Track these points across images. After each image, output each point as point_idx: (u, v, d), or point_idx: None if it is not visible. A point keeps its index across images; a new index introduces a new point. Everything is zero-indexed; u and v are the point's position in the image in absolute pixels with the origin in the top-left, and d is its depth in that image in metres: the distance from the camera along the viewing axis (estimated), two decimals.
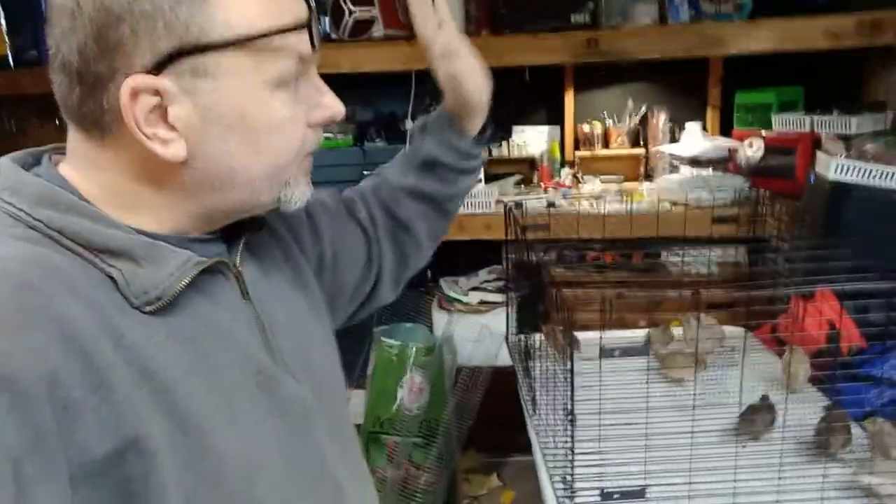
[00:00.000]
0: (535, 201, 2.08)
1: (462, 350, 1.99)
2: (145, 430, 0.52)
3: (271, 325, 0.66)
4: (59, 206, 0.56)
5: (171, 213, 0.61)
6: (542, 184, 2.33)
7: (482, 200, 2.11)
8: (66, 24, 0.54)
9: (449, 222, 0.96)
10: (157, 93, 0.55)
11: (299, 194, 0.65)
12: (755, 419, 1.09)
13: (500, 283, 2.14)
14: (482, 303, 2.11)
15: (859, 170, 1.55)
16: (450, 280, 2.22)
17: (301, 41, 0.60)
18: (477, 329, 1.94)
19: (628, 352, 0.94)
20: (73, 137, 0.60)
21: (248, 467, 0.59)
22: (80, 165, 0.60)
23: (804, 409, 1.15)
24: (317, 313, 0.77)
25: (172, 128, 0.56)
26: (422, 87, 2.11)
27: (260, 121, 0.59)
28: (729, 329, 1.57)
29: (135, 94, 0.54)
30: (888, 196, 1.53)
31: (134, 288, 0.55)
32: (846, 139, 1.80)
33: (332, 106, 0.65)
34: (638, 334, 1.53)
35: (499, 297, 2.08)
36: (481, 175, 2.28)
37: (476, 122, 0.89)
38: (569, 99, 2.45)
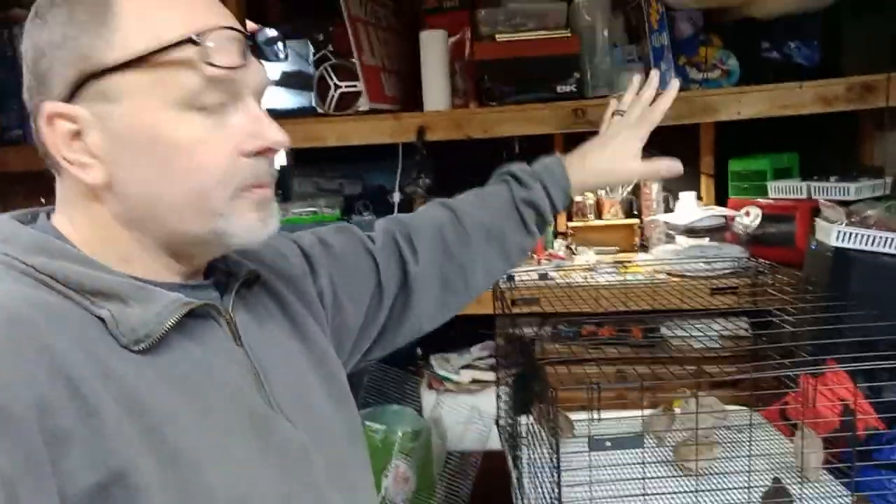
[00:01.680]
0: (526, 274, 2.00)
1: (451, 433, 1.87)
2: (133, 464, 0.52)
3: (265, 371, 0.66)
4: (51, 252, 0.58)
5: (139, 251, 0.62)
6: (535, 255, 2.27)
7: None
8: (24, 71, 0.59)
9: (506, 271, 1.01)
10: (73, 120, 0.57)
11: (245, 229, 0.63)
12: None
13: (493, 361, 2.04)
14: (474, 381, 2.00)
15: (862, 237, 1.49)
16: (440, 357, 2.12)
17: (206, 56, 0.57)
18: (467, 411, 1.83)
19: (621, 443, 0.84)
20: (56, 182, 0.63)
21: None
22: (64, 210, 0.63)
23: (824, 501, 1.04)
24: (318, 361, 0.75)
25: (93, 155, 0.58)
26: (409, 159, 2.08)
27: (169, 143, 0.58)
28: (734, 409, 1.47)
29: (50, 120, 0.57)
30: (892, 262, 1.46)
31: (122, 327, 0.56)
32: (845, 205, 1.73)
33: (269, 135, 0.62)
34: (634, 415, 1.43)
35: (492, 376, 1.97)
36: None
37: (592, 188, 0.95)
38: None
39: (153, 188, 0.60)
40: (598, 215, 2.35)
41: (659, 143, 2.30)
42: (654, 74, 1.02)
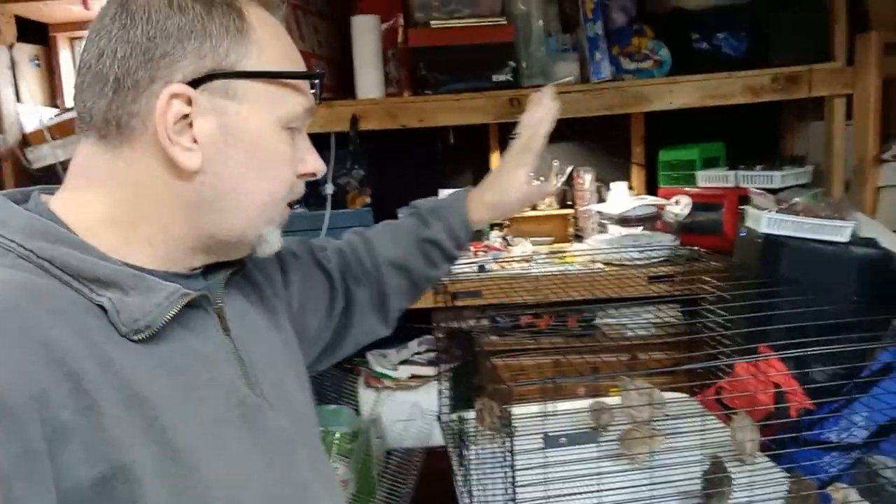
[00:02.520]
0: (464, 266, 1.98)
1: (392, 431, 1.83)
2: (134, 456, 0.53)
3: (250, 361, 0.68)
4: (50, 236, 0.58)
5: (165, 237, 0.63)
6: (471, 248, 2.24)
7: None
8: (109, 39, 0.61)
9: (411, 303, 1.00)
10: (189, 103, 0.61)
11: (275, 239, 0.70)
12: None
13: (432, 356, 2.00)
14: (413, 377, 1.96)
15: (790, 223, 1.53)
16: (377, 353, 2.07)
17: (309, 95, 0.69)
18: (407, 408, 1.78)
19: (576, 439, 0.82)
20: (86, 152, 0.63)
21: (233, 496, 0.60)
22: (84, 185, 0.63)
23: (762, 479, 1.06)
24: (290, 353, 0.79)
25: (194, 140, 0.61)
26: (342, 149, 2.01)
27: (268, 150, 0.65)
28: (670, 395, 1.49)
29: (171, 98, 0.60)
30: (819, 248, 1.51)
31: (123, 316, 0.57)
32: (772, 193, 1.79)
33: (316, 164, 0.72)
34: (579, 407, 1.43)
35: (431, 371, 1.94)
36: None
37: (490, 221, 1.03)
38: (495, 160, 2.39)
39: (241, 184, 0.65)
40: (533, 206, 2.35)
41: (591, 133, 2.34)
42: (547, 90, 1.02)
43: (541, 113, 1.00)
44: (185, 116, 0.61)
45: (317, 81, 0.70)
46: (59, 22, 2.27)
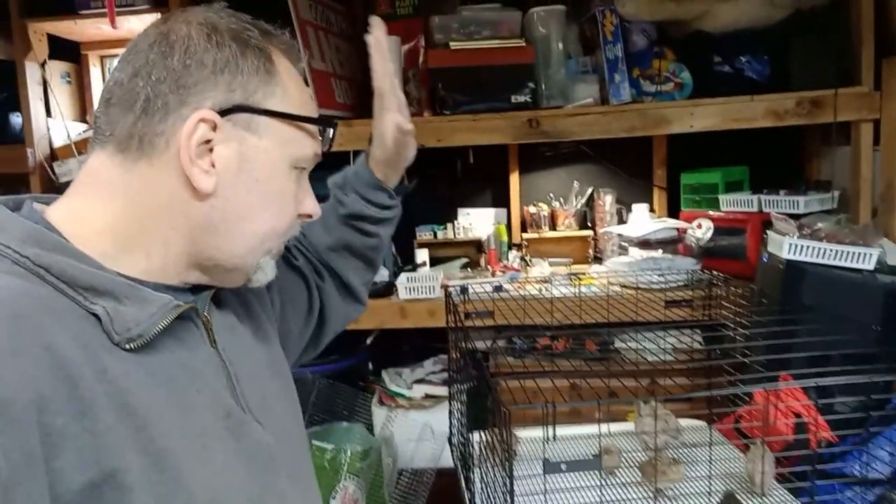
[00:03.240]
0: (481, 286, 1.96)
1: (403, 451, 1.81)
2: (123, 464, 0.54)
3: (236, 373, 0.70)
4: (46, 244, 0.59)
5: (165, 251, 0.65)
6: (489, 267, 2.23)
7: (426, 285, 1.97)
8: (146, 63, 0.64)
9: (376, 271, 1.05)
10: (214, 129, 0.65)
11: (270, 269, 0.74)
12: None
13: (447, 375, 1.99)
14: (427, 397, 1.95)
15: (813, 249, 1.50)
16: (392, 371, 2.06)
17: (318, 141, 0.74)
18: (419, 428, 1.76)
19: (576, 466, 0.80)
20: (98, 163, 0.65)
21: None
22: (89, 195, 0.65)
23: None
24: (277, 366, 0.81)
25: (212, 165, 0.65)
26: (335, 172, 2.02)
27: (277, 184, 0.69)
28: (686, 422, 1.45)
29: (199, 122, 0.64)
30: (843, 276, 1.47)
31: (117, 325, 0.58)
32: (795, 218, 1.75)
33: (314, 207, 0.76)
34: (589, 432, 1.40)
35: (445, 391, 1.92)
36: (426, 258, 2.17)
37: (397, 175, 0.99)
38: (514, 181, 2.39)
39: (248, 212, 0.68)
40: (552, 227, 2.34)
41: (613, 154, 2.33)
42: (375, 26, 0.94)
43: (376, 55, 0.94)
44: (208, 142, 0.65)
45: (330, 130, 0.75)
46: (90, 40, 2.33)
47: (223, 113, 0.65)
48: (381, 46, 0.93)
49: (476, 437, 1.19)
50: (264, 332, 0.81)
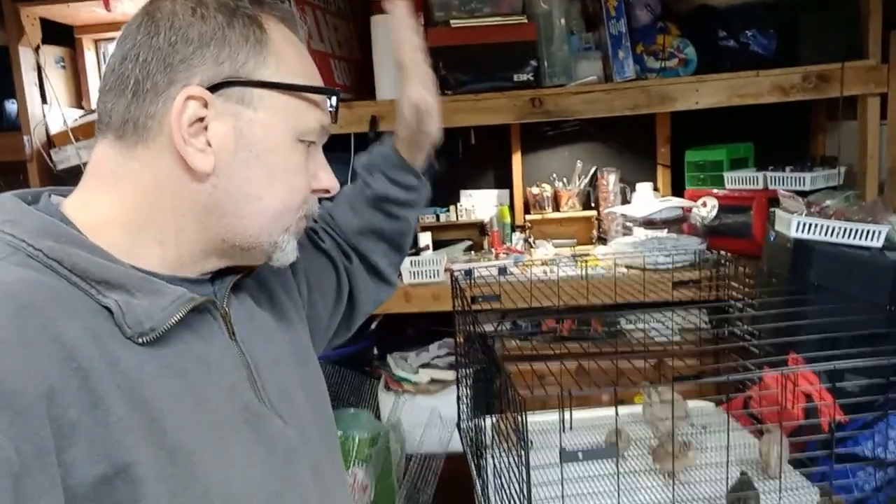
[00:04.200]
0: (485, 268, 1.95)
1: (411, 437, 1.81)
2: (136, 457, 0.53)
3: (256, 366, 0.68)
4: (60, 237, 0.59)
5: (176, 239, 0.64)
6: (493, 249, 2.21)
7: (430, 269, 1.96)
8: (134, 45, 0.63)
9: (405, 254, 1.02)
10: (205, 106, 0.62)
11: (291, 249, 0.70)
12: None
13: (452, 359, 1.98)
14: (433, 381, 1.94)
15: (821, 227, 1.48)
16: (398, 356, 2.05)
17: (325, 112, 0.70)
18: (427, 413, 1.76)
19: (593, 454, 0.79)
20: (102, 153, 0.65)
21: (231, 501, 0.60)
22: (97, 186, 0.64)
23: (792, 497, 1.02)
24: (301, 356, 0.78)
25: (208, 143, 0.63)
26: (361, 151, 2.00)
27: (281, 159, 0.66)
28: (695, 404, 1.45)
29: (187, 100, 0.62)
30: (852, 254, 1.45)
31: (129, 318, 0.57)
32: (802, 195, 1.73)
33: (330, 181, 0.72)
34: (599, 415, 1.39)
35: (451, 375, 1.91)
36: (429, 242, 2.15)
37: (423, 155, 0.95)
38: (516, 162, 2.36)
39: (253, 189, 0.65)
40: (556, 208, 2.32)
41: (615, 133, 2.30)
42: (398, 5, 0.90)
43: (400, 26, 0.90)
44: (201, 120, 0.62)
45: (334, 100, 0.71)
46: (84, 24, 2.29)
47: (214, 88, 0.63)
48: (405, 15, 0.89)
49: (487, 421, 1.18)
50: (288, 319, 0.79)
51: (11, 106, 2.19)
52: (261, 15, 0.66)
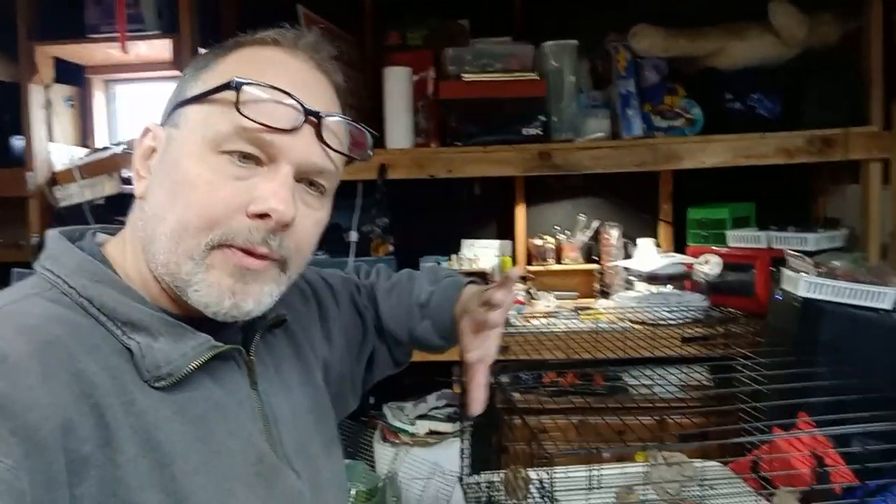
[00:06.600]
0: None
1: (409, 491, 1.76)
2: (143, 499, 0.53)
3: (275, 418, 0.67)
4: (94, 276, 0.60)
5: (150, 278, 0.62)
6: None
7: None
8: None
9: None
10: (155, 138, 0.64)
11: (209, 290, 0.60)
12: None
13: (451, 410, 1.95)
14: (431, 433, 1.90)
15: (832, 288, 1.48)
16: (394, 406, 2.01)
17: (238, 104, 0.59)
18: (425, 466, 1.72)
19: None
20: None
21: None
22: (125, 231, 0.66)
23: None
24: (320, 413, 0.76)
25: (149, 170, 0.64)
26: (368, 197, 2.01)
27: (184, 171, 0.60)
28: (701, 464, 1.42)
29: (143, 135, 0.64)
30: (861, 315, 1.45)
31: (148, 361, 0.57)
32: (805, 255, 1.74)
33: (271, 202, 0.59)
34: (605, 473, 1.36)
35: (450, 427, 1.88)
36: None
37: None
38: (520, 213, 2.37)
39: (160, 210, 0.61)
40: (558, 259, 2.32)
41: (618, 188, 2.32)
42: (513, 272, 0.76)
43: (500, 295, 0.74)
44: (153, 151, 0.64)
45: (240, 94, 0.59)
46: (95, 64, 2.31)
47: (165, 120, 0.65)
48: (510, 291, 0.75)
49: (494, 477, 1.15)
50: (312, 374, 0.77)
51: (17, 142, 2.19)
52: (242, 44, 0.64)
